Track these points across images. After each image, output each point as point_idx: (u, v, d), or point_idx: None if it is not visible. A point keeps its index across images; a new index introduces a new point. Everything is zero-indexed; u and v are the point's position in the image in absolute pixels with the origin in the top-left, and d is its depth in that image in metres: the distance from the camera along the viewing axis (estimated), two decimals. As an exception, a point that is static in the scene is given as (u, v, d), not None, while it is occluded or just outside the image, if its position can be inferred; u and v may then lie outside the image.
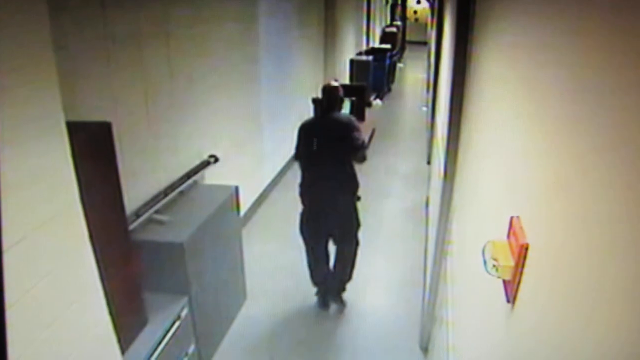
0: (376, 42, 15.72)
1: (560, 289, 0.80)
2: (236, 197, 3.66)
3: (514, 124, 1.30)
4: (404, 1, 21.12)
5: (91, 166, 2.02)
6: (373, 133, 8.51)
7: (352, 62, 10.38)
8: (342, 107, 3.58)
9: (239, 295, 3.96)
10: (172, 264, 2.85)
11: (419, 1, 21.08)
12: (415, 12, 23.28)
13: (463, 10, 2.42)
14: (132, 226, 2.81)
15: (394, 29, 16.13)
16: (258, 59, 5.48)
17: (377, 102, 9.06)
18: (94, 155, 2.13)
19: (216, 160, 4.15)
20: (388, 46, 13.22)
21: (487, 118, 1.79)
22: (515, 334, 1.06)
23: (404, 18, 21.01)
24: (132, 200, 2.86)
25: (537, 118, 1.06)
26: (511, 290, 1.06)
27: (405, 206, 6.07)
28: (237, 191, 3.67)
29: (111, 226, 2.30)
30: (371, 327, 3.83)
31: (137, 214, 2.95)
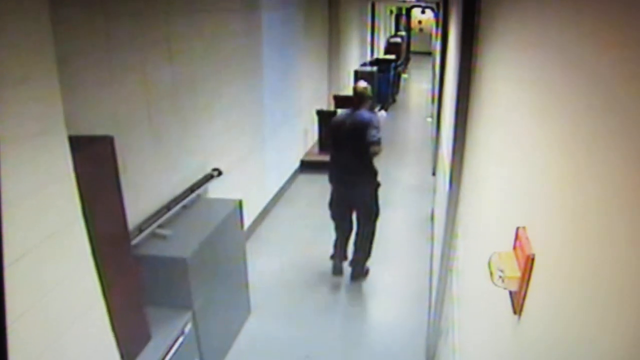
0: (380, 52, 15.77)
1: (567, 299, 0.79)
2: (240, 211, 3.66)
3: (519, 135, 1.29)
4: (408, 11, 21.06)
5: (94, 181, 2.02)
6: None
7: (356, 73, 10.40)
8: (369, 105, 4.17)
9: (243, 310, 3.92)
10: (176, 279, 2.84)
11: (423, 11, 20.97)
12: (420, 22, 23.02)
13: (467, 24, 2.40)
14: (135, 241, 2.80)
15: (398, 40, 16.10)
16: (261, 71, 5.50)
17: (382, 113, 9.05)
18: (97, 170, 2.13)
19: (220, 173, 4.14)
20: (392, 57, 13.21)
21: (491, 129, 1.78)
22: (521, 345, 1.04)
23: (408, 28, 20.86)
24: (134, 214, 2.86)
25: (542, 129, 1.05)
26: (517, 302, 1.05)
27: (411, 217, 6.03)
28: (241, 205, 3.66)
29: (114, 241, 2.29)
30: (377, 340, 3.80)
31: (140, 228, 2.94)
